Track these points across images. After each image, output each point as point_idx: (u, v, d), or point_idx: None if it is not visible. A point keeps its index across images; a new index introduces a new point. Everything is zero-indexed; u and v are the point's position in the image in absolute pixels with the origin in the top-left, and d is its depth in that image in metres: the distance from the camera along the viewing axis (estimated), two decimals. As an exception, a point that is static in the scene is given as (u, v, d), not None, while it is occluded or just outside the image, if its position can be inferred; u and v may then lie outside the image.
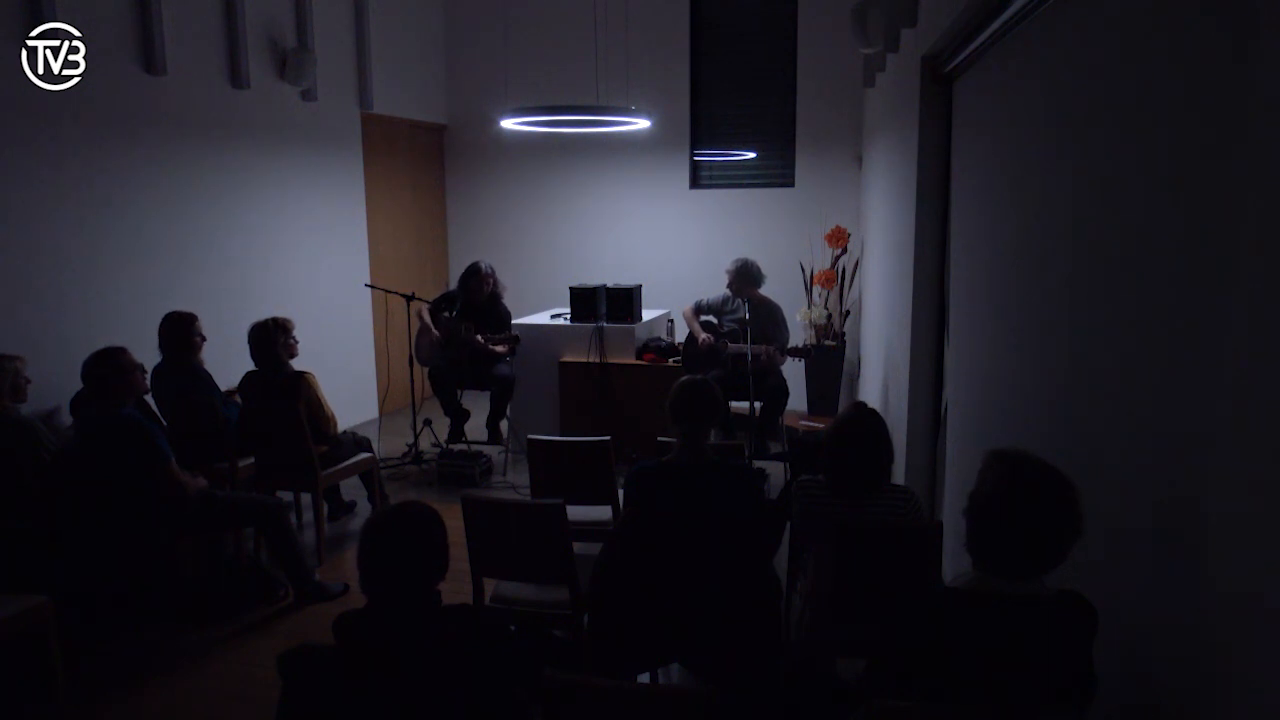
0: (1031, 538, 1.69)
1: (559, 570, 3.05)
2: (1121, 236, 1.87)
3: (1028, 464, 1.73)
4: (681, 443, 2.89)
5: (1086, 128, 2.10)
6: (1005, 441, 2.65)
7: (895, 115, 4.72)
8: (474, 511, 3.09)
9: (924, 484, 3.97)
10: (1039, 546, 1.69)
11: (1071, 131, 2.20)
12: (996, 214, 2.88)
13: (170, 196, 5.35)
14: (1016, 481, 1.71)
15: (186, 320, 4.50)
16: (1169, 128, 1.67)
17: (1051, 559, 1.70)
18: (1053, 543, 1.69)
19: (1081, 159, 2.12)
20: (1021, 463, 1.74)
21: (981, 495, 1.76)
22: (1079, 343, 2.09)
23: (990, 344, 2.92)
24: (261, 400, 4.45)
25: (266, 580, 4.09)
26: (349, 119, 6.96)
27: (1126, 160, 1.86)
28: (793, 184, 7.37)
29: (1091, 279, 2.02)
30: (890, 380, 4.80)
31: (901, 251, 4.31)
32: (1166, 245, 1.66)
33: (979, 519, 1.75)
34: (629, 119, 5.68)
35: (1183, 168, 1.60)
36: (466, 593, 3.15)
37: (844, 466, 2.73)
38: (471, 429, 6.22)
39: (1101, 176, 1.99)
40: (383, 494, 4.99)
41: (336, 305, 6.85)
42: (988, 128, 3.07)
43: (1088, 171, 2.07)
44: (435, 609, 1.94)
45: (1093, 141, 2.05)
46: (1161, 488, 1.67)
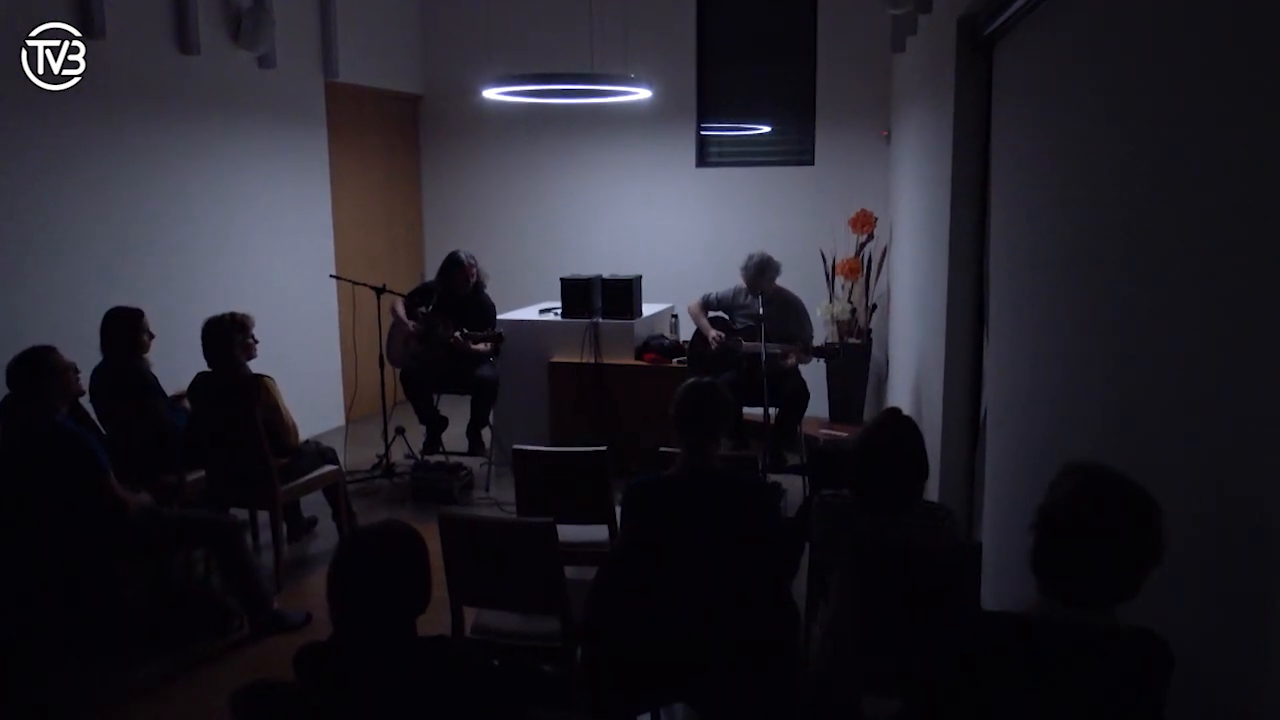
0: (1108, 559, 1.67)
1: (548, 598, 3.04)
2: (1186, 223, 1.86)
3: (1108, 476, 1.72)
4: (687, 454, 2.89)
5: (1146, 98, 2.09)
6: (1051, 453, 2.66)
7: (928, 84, 4.73)
8: (453, 531, 3.09)
9: (960, 500, 3.98)
10: (1115, 570, 1.68)
11: (1128, 102, 2.20)
12: (1043, 196, 2.88)
13: (108, 177, 5.35)
14: (1095, 494, 1.70)
15: (133, 316, 4.50)
16: (1242, 99, 1.66)
17: (1128, 586, 1.69)
18: (1131, 567, 1.68)
19: (1140, 134, 2.12)
20: (1101, 475, 1.73)
21: (1053, 508, 1.74)
22: (1137, 343, 2.09)
23: (1035, 343, 2.93)
24: (214, 406, 4.45)
25: (218, 608, 4.08)
26: (312, 88, 6.96)
27: (1190, 136, 1.86)
28: (812, 161, 7.37)
29: (1151, 270, 2.02)
30: (922, 384, 4.81)
31: (935, 238, 4.31)
32: (1240, 234, 1.65)
33: (1048, 535, 1.73)
34: (627, 89, 5.68)
35: (1257, 146, 1.60)
36: (444, 623, 3.15)
37: (872, 480, 2.74)
38: (450, 438, 6.21)
39: (1162, 155, 1.99)
40: (349, 512, 4.99)
41: (297, 299, 6.85)
42: (1032, 98, 3.07)
43: (1147, 149, 2.07)
44: (409, 642, 1.94)
45: (1153, 114, 2.05)
46: (1229, 510, 1.67)
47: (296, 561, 4.82)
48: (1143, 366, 2.05)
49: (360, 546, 1.95)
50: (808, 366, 5.74)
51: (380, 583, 1.91)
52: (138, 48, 5.44)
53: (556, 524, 3.00)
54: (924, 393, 4.71)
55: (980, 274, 3.84)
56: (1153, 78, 2.05)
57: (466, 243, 6.80)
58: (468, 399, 6.05)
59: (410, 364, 5.98)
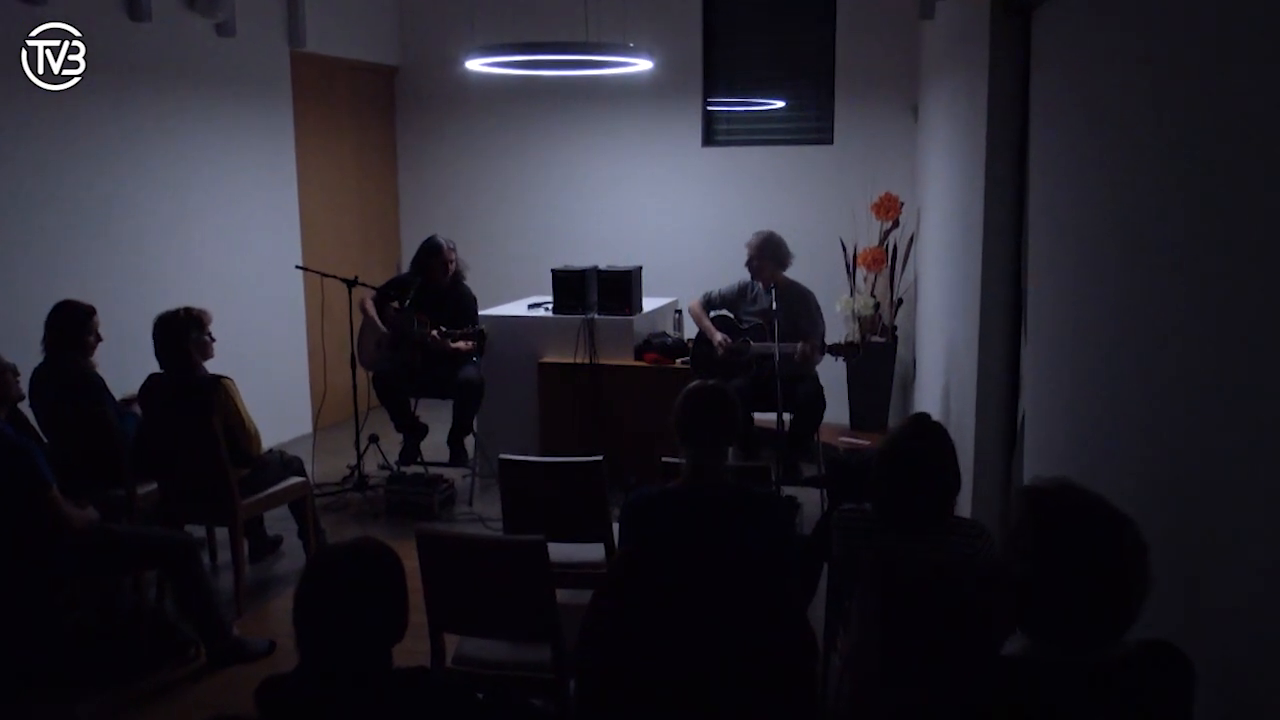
0: (1090, 599, 1.63)
1: (539, 624, 3.04)
2: (1253, 207, 1.85)
3: (1065, 498, 1.69)
4: (691, 465, 2.88)
5: (1206, 68, 2.08)
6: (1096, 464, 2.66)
7: (960, 54, 4.72)
8: (432, 550, 3.08)
9: (995, 516, 3.98)
10: (1103, 610, 1.65)
11: (1185, 72, 2.19)
12: (1088, 178, 2.88)
13: (48, 156, 5.34)
14: (1052, 524, 1.66)
15: (83, 313, 4.50)
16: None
17: (1120, 623, 1.66)
18: (1118, 603, 1.64)
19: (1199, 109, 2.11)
20: (1056, 498, 1.69)
21: (1016, 548, 1.70)
22: (1195, 342, 2.08)
23: (1079, 342, 2.92)
24: (167, 411, 4.44)
25: (172, 636, 4.08)
26: (276, 59, 6.96)
27: (1252, 111, 1.85)
28: (831, 140, 7.37)
29: (1213, 259, 2.01)
30: (953, 387, 4.80)
31: (967, 225, 4.31)
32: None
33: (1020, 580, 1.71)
34: (625, 59, 5.67)
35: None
36: (423, 652, 3.14)
37: (896, 494, 2.73)
38: (429, 447, 6.21)
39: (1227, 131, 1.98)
40: (318, 529, 4.99)
41: (260, 293, 6.85)
42: (1075, 69, 3.07)
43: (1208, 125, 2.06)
44: (383, 674, 1.94)
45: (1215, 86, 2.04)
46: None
47: (259, 584, 4.82)
48: (1203, 367, 2.04)
49: (329, 567, 1.95)
50: (825, 368, 5.73)
51: (351, 608, 1.91)
52: (82, 13, 5.41)
53: (547, 542, 3.00)
54: (955, 397, 4.71)
55: (1018, 265, 3.84)
56: (1215, 46, 2.04)
57: (447, 230, 6.78)
58: (448, 404, 6.05)
59: (384, 366, 5.97)
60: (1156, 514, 2.03)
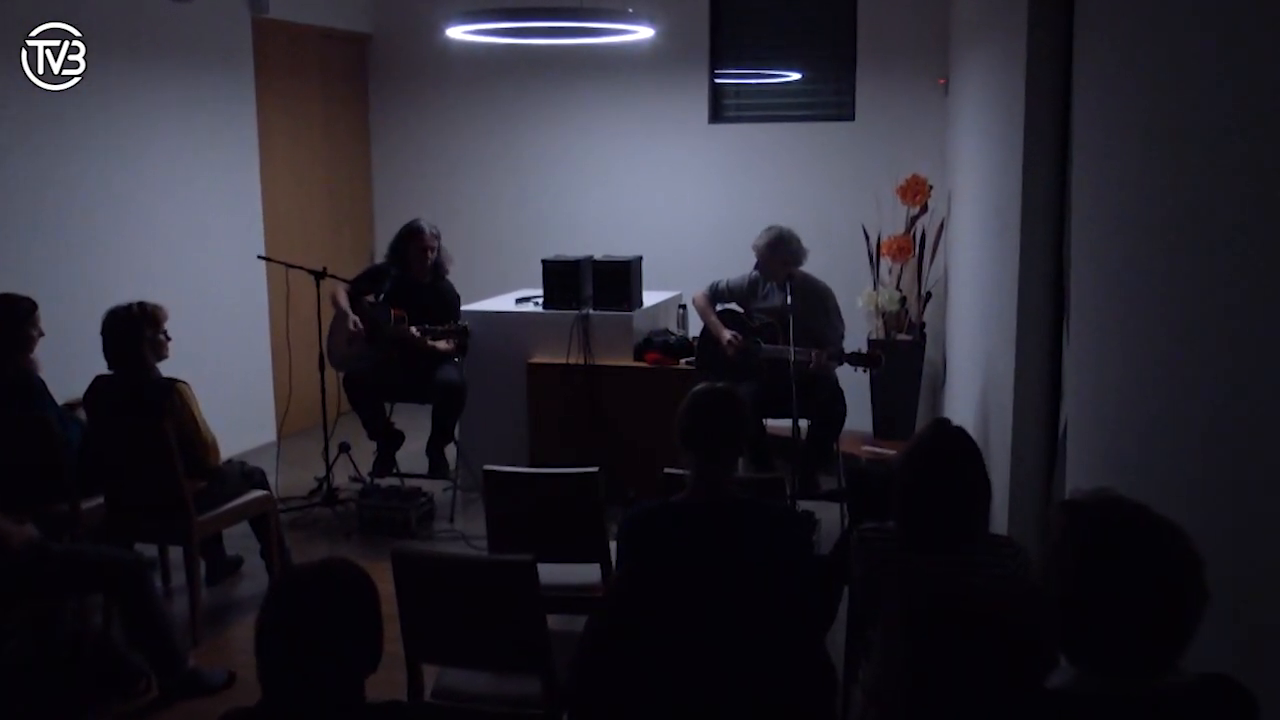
0: (1138, 619, 1.65)
1: (527, 653, 3.05)
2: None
3: (1107, 510, 1.70)
4: (697, 476, 2.89)
5: (1274, 28, 2.07)
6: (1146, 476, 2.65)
7: (994, 20, 4.72)
8: (409, 571, 3.09)
9: (1034, 534, 3.97)
10: (1152, 631, 1.65)
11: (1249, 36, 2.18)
12: (1139, 160, 2.88)
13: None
14: (1093, 537, 1.67)
15: (23, 309, 4.50)
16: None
17: (1173, 645, 1.67)
18: (1169, 623, 1.65)
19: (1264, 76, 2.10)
20: (1097, 509, 1.70)
21: (1056, 567, 1.72)
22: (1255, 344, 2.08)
23: (1127, 342, 2.92)
24: (116, 417, 4.45)
25: (121, 666, 4.08)
26: (236, 26, 6.96)
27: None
28: (852, 117, 7.38)
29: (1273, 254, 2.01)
30: (988, 391, 4.81)
31: (1003, 210, 4.31)
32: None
33: (1066, 607, 1.72)
34: (624, 26, 5.68)
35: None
36: (399, 683, 3.15)
37: (920, 509, 2.73)
38: (405, 457, 6.21)
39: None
40: (282, 548, 4.99)
41: (219, 286, 6.85)
42: (1125, 37, 3.07)
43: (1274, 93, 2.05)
44: (356, 708, 1.94)
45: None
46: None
47: (217, 609, 4.82)
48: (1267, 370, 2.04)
49: (295, 591, 1.95)
50: (846, 370, 5.73)
51: (319, 636, 1.91)
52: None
53: (537, 563, 3.01)
54: (991, 402, 4.71)
55: (1060, 257, 3.84)
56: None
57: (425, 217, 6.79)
58: (427, 409, 6.05)
59: (356, 366, 5.97)
60: (1214, 530, 2.03)
